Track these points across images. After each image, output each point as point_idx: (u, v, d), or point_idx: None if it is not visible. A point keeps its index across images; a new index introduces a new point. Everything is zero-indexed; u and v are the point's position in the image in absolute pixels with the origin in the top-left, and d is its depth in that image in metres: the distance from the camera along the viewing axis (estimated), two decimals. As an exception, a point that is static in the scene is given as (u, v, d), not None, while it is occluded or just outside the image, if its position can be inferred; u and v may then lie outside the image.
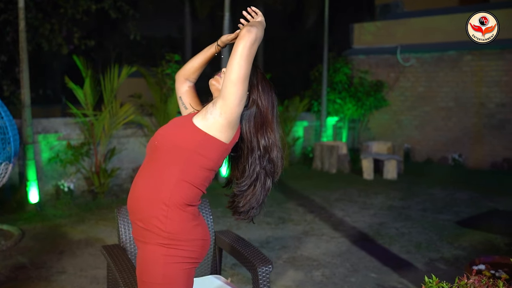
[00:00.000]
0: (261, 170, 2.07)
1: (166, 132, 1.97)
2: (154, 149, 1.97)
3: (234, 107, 1.87)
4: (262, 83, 2.06)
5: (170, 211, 1.91)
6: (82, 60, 6.76)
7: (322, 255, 4.87)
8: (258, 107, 2.03)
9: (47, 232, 5.45)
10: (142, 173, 2.00)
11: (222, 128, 1.90)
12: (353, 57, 12.17)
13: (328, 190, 7.95)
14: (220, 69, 2.30)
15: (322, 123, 10.74)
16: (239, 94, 1.86)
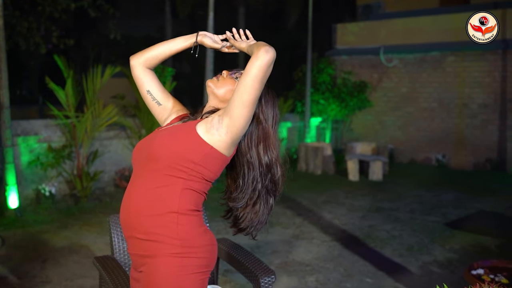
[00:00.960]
0: (263, 189, 1.98)
1: (165, 141, 1.82)
2: (150, 159, 1.82)
3: (241, 127, 1.78)
4: (266, 97, 1.94)
5: (181, 217, 1.79)
6: (64, 60, 6.55)
7: (315, 260, 4.77)
8: (260, 123, 1.91)
9: (28, 239, 5.24)
10: (136, 184, 1.85)
11: (227, 145, 1.82)
12: (336, 58, 12.13)
13: (315, 192, 7.87)
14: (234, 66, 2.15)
15: (306, 124, 10.67)
16: (249, 116, 1.76)
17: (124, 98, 7.80)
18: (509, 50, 10.00)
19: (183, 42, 2.02)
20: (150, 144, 1.85)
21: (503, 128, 10.17)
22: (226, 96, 1.93)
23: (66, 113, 6.60)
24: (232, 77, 1.96)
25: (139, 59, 2.04)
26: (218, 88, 1.94)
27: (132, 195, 1.85)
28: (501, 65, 10.15)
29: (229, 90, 1.93)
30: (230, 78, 1.96)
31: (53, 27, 10.06)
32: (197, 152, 1.78)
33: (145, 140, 1.92)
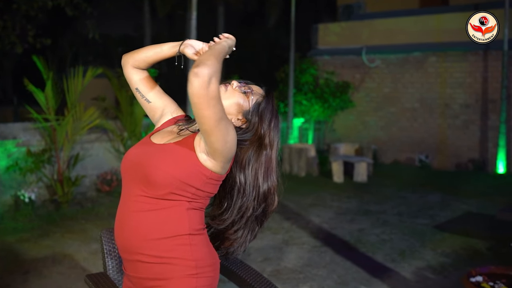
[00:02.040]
0: (252, 216, 1.87)
1: (163, 166, 1.66)
2: (146, 183, 1.68)
3: (225, 148, 1.64)
4: (274, 121, 1.83)
5: (193, 238, 1.71)
6: (43, 60, 6.31)
7: (307, 267, 4.66)
8: (265, 148, 1.80)
9: (8, 248, 5.02)
10: (133, 206, 1.72)
11: (223, 165, 1.69)
12: (318, 58, 12.07)
13: (300, 194, 7.78)
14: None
15: (289, 124, 10.58)
16: (222, 136, 1.60)
17: (105, 99, 7.58)
18: (489, 51, 10.07)
19: (168, 50, 1.88)
20: (145, 165, 1.69)
21: (485, 128, 10.24)
22: (230, 110, 1.78)
23: (46, 116, 6.36)
24: (240, 91, 1.82)
25: (129, 59, 1.93)
26: (223, 99, 1.75)
27: (129, 217, 1.72)
28: (482, 66, 10.21)
29: (235, 104, 1.79)
30: (239, 91, 1.81)
31: (29, 26, 9.76)
32: (199, 178, 1.68)
33: (138, 153, 1.76)
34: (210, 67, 1.49)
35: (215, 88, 1.51)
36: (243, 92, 1.81)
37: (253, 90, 1.83)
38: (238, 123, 1.80)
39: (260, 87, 1.87)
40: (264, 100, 1.82)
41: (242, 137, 1.78)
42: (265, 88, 1.88)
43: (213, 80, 1.49)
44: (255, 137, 1.79)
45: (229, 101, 1.78)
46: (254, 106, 1.80)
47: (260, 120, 1.79)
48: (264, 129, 1.79)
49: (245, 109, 1.80)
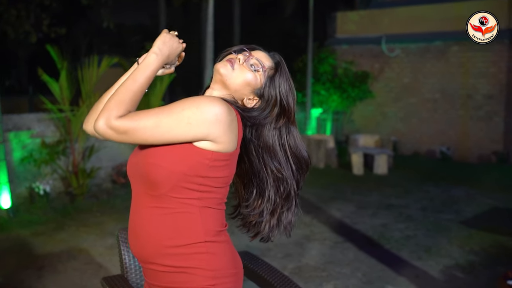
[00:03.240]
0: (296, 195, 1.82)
1: (158, 161, 1.48)
2: (147, 184, 1.51)
3: (198, 133, 1.45)
4: (292, 90, 1.70)
5: (211, 246, 1.54)
6: (57, 50, 6.17)
7: (330, 264, 4.48)
8: (293, 118, 1.68)
9: (22, 242, 4.90)
10: (143, 212, 1.56)
11: (224, 144, 1.49)
12: (336, 47, 11.81)
13: (320, 187, 7.59)
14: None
15: (307, 115, 10.36)
16: (173, 135, 1.45)
17: (120, 90, 7.42)
18: (515, 40, 9.74)
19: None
20: (142, 164, 1.52)
21: (509, 119, 9.94)
22: (241, 91, 1.61)
23: (61, 106, 6.23)
24: (250, 68, 1.62)
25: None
26: (232, 78, 1.60)
27: (141, 224, 1.57)
28: (507, 56, 9.89)
29: (246, 84, 1.61)
30: (248, 68, 1.61)
31: (43, 15, 9.62)
32: (201, 164, 1.47)
33: (136, 153, 1.59)
34: (103, 118, 1.40)
35: (121, 126, 1.40)
36: (254, 70, 1.62)
37: (264, 64, 1.63)
38: (250, 103, 1.63)
39: (267, 54, 1.68)
40: (278, 72, 1.64)
41: (260, 117, 1.61)
42: (273, 55, 1.69)
43: (114, 124, 1.40)
44: (274, 112, 1.62)
45: (239, 81, 1.60)
46: (266, 81, 1.63)
47: (279, 94, 1.62)
48: (284, 101, 1.63)
49: (257, 87, 1.62)
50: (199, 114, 1.42)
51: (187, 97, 1.58)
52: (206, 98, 1.46)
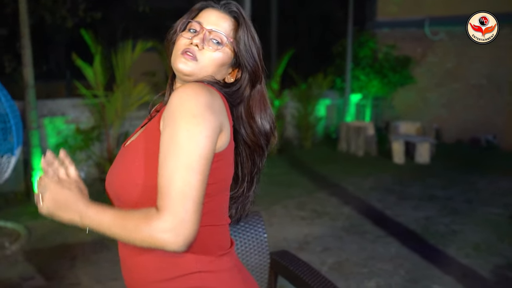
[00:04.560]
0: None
1: (123, 173, 1.22)
2: (121, 203, 1.25)
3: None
4: (258, 45, 1.37)
5: (206, 277, 1.24)
6: (91, 34, 6.06)
7: (371, 260, 4.26)
8: (258, 80, 1.37)
9: (56, 230, 4.84)
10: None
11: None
12: (377, 31, 11.39)
13: (359, 176, 7.32)
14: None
15: (346, 101, 10.05)
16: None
17: (155, 75, 7.30)
18: None
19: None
20: (114, 183, 1.26)
21: (561, 107, 9.39)
22: (219, 76, 1.33)
23: (95, 92, 6.14)
24: (215, 47, 1.29)
25: None
26: (201, 71, 1.28)
27: (127, 253, 1.31)
28: (560, 39, 9.31)
29: (219, 65, 1.30)
30: (212, 49, 1.29)
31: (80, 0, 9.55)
32: None
33: (110, 172, 1.33)
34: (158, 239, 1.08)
35: (167, 224, 1.07)
36: (219, 44, 1.30)
37: (227, 33, 1.30)
38: (231, 79, 1.36)
39: (220, 11, 1.33)
40: (240, 30, 1.32)
41: (241, 90, 1.34)
42: (225, 5, 1.34)
43: (162, 231, 1.08)
44: (249, 79, 1.35)
45: (210, 69, 1.29)
46: (236, 48, 1.32)
47: (250, 57, 1.33)
48: (253, 63, 1.33)
49: (230, 60, 1.33)
50: (195, 123, 1.12)
51: None
52: (183, 96, 1.14)
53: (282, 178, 7.10)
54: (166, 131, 1.13)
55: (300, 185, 6.74)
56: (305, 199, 6.05)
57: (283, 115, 9.04)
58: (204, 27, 1.29)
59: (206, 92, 1.16)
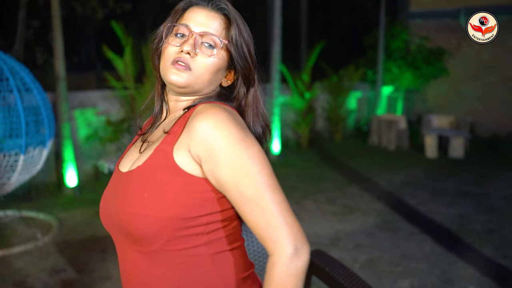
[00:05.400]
0: None
1: (144, 209, 1.09)
2: (133, 239, 1.12)
3: None
4: (251, 43, 1.25)
5: None
6: (121, 26, 6.04)
7: (405, 258, 4.14)
8: (253, 85, 1.26)
9: (86, 222, 4.86)
10: (135, 277, 1.17)
11: None
12: (410, 22, 11.12)
13: (391, 170, 7.17)
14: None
15: (378, 93, 9.86)
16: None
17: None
18: None
19: None
20: (118, 215, 1.13)
21: None
22: (215, 81, 1.22)
23: (125, 83, 6.13)
24: (209, 52, 1.17)
25: None
26: (197, 80, 1.18)
27: (141, 271, 1.17)
28: None
29: (215, 72, 1.19)
30: (206, 54, 1.17)
31: (110, -9, 9.60)
32: (205, 199, 1.11)
33: (108, 200, 1.20)
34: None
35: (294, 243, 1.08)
36: (212, 48, 1.18)
37: (219, 34, 1.18)
38: (227, 83, 1.26)
39: (208, 8, 1.19)
40: (232, 29, 1.19)
41: (239, 96, 1.24)
42: (214, 3, 1.20)
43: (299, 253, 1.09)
44: (243, 82, 1.24)
45: (206, 77, 1.18)
46: (230, 49, 1.20)
47: (242, 59, 1.21)
48: (244, 64, 1.21)
49: (226, 64, 1.22)
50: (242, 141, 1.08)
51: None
52: (219, 126, 1.07)
53: (312, 172, 7.01)
54: (225, 170, 1.07)
55: (330, 179, 6.63)
56: (336, 194, 5.95)
57: (313, 108, 8.91)
58: (193, 31, 1.16)
59: (228, 112, 1.11)
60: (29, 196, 5.41)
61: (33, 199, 5.40)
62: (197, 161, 1.09)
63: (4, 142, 3.89)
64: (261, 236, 1.07)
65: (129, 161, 1.23)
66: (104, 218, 1.20)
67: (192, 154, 1.09)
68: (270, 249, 1.06)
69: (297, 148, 8.67)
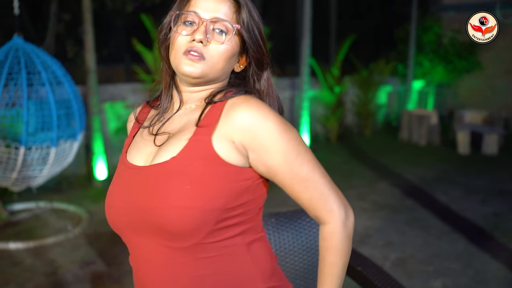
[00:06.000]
0: None
1: (188, 202, 1.04)
2: (174, 237, 1.07)
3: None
4: (261, 27, 1.20)
5: None
6: (151, 19, 6.05)
7: (436, 258, 4.05)
8: (267, 68, 1.24)
9: (116, 214, 4.89)
10: (160, 277, 1.12)
11: None
12: (443, 14, 10.88)
13: (421, 166, 7.03)
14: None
15: (408, 88, 9.68)
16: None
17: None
18: None
19: None
20: (154, 210, 1.07)
21: None
22: (229, 67, 1.17)
23: (154, 77, 6.14)
24: (221, 39, 1.12)
25: None
26: (212, 69, 1.13)
27: (177, 271, 1.12)
28: None
29: (228, 58, 1.14)
30: (218, 41, 1.12)
31: (140, -16, 9.64)
32: (244, 187, 1.10)
33: (130, 195, 1.12)
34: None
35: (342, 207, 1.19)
36: (224, 34, 1.12)
37: (230, 18, 1.13)
38: (240, 68, 1.22)
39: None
40: (243, 11, 1.14)
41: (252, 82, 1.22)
42: None
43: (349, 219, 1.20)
44: (256, 66, 1.20)
45: (220, 65, 1.13)
46: (243, 35, 1.15)
47: (254, 42, 1.16)
48: (257, 48, 1.17)
49: (239, 49, 1.17)
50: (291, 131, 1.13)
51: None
52: (264, 114, 1.08)
53: (341, 167, 6.93)
54: (278, 156, 1.09)
55: (360, 175, 6.54)
56: (366, 190, 5.86)
57: (343, 102, 8.81)
58: (203, 18, 1.10)
59: (262, 101, 1.15)
60: (60, 188, 5.48)
61: (64, 191, 5.46)
62: (242, 151, 1.09)
63: (36, 135, 3.93)
64: (314, 208, 1.14)
65: (143, 154, 1.17)
66: (120, 216, 1.13)
67: (237, 145, 1.08)
68: (326, 218, 1.14)
69: (326, 142, 8.58)
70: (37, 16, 9.47)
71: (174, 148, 1.11)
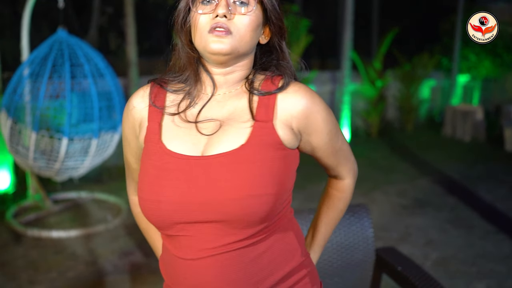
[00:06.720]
0: None
1: (265, 189, 1.07)
2: (246, 224, 1.07)
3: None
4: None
5: (309, 263, 1.27)
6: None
7: (480, 258, 3.92)
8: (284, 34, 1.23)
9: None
10: (215, 262, 1.09)
11: None
12: (491, 6, 10.51)
13: (465, 164, 6.83)
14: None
15: (453, 82, 9.42)
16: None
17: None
18: None
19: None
20: (233, 200, 1.04)
21: None
22: (255, 39, 1.14)
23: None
24: (243, 11, 1.09)
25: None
26: (241, 43, 1.09)
27: (214, 278, 1.10)
28: None
29: (254, 30, 1.11)
30: (241, 12, 1.09)
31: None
32: (295, 164, 1.21)
33: (197, 186, 1.06)
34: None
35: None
36: (246, 5, 1.09)
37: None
38: (265, 40, 1.18)
39: None
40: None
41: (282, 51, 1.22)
42: None
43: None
44: (277, 35, 1.19)
45: (248, 37, 1.10)
46: (265, 3, 1.11)
47: (274, 9, 1.13)
48: (277, 15, 1.15)
49: (262, 19, 1.13)
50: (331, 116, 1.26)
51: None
52: (317, 101, 1.19)
53: (382, 162, 6.80)
54: (326, 136, 1.21)
55: (401, 171, 6.41)
56: (406, 186, 5.73)
57: (384, 97, 8.64)
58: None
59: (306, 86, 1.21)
60: (100, 179, 5.58)
61: (104, 182, 5.56)
62: (297, 135, 1.17)
63: (79, 126, 4.00)
64: (337, 170, 1.31)
65: (188, 143, 1.11)
66: (175, 212, 1.07)
67: (295, 131, 1.15)
68: (345, 176, 1.34)
69: (367, 137, 8.45)
70: (81, 9, 9.66)
71: (235, 136, 1.09)
